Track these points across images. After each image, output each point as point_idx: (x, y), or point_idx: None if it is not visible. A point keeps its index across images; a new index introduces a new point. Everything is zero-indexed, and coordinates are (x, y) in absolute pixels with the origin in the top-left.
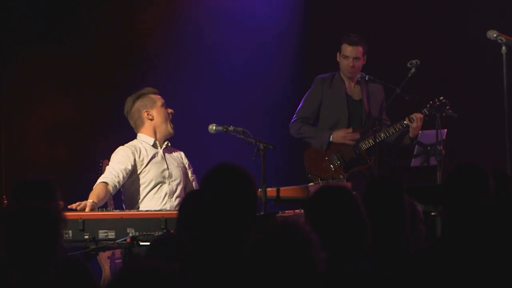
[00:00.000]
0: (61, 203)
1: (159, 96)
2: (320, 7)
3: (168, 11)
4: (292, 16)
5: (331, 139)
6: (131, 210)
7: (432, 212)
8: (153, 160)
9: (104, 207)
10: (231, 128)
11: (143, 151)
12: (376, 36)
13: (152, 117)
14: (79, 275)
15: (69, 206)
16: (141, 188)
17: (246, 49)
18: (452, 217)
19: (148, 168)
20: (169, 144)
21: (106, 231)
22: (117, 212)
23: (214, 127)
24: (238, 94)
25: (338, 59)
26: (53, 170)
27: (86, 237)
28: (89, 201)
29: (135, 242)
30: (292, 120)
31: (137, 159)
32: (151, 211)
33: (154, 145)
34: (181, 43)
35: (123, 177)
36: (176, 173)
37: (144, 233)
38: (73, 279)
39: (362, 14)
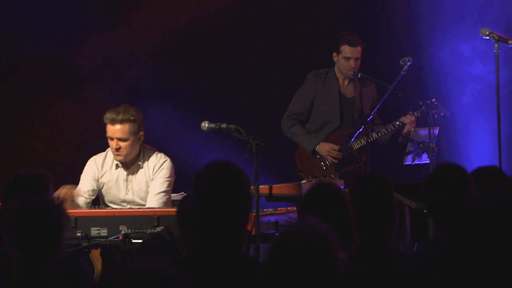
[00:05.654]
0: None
1: (110, 126)
2: (313, 2)
3: (163, 9)
4: (287, 9)
5: (316, 148)
6: (123, 208)
7: (425, 209)
8: (112, 184)
9: (97, 204)
10: (223, 125)
11: (107, 171)
12: (370, 33)
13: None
14: (75, 271)
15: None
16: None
17: (240, 45)
18: (438, 217)
19: (107, 190)
20: (139, 164)
21: (99, 228)
22: (109, 210)
23: (206, 125)
24: (231, 91)
25: (335, 59)
26: (49, 168)
27: (79, 234)
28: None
29: (127, 239)
30: (284, 116)
31: (99, 178)
32: (143, 208)
33: (117, 166)
34: (175, 40)
35: (93, 190)
36: (140, 197)
37: (137, 230)
38: (69, 275)
39: (355, 11)
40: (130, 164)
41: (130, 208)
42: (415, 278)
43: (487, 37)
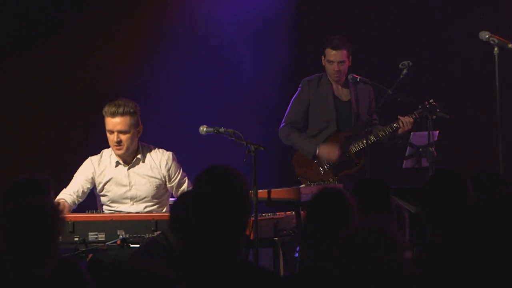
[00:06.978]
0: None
1: (110, 119)
2: (311, 6)
3: (157, 10)
4: (283, 14)
5: (317, 152)
6: (120, 212)
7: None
8: (114, 181)
9: (94, 209)
10: (222, 129)
11: (106, 169)
12: (368, 36)
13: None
14: (74, 276)
15: None
16: (104, 205)
17: (237, 49)
18: (435, 222)
19: (108, 188)
20: (139, 158)
21: (96, 233)
22: (107, 214)
23: (205, 129)
24: (229, 95)
25: (323, 63)
26: (49, 170)
27: (76, 239)
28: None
29: (125, 244)
30: (281, 125)
31: (96, 178)
32: (141, 213)
33: (118, 164)
34: (171, 43)
35: (83, 192)
36: (143, 191)
37: (134, 235)
38: (68, 280)
39: (355, 14)
40: (130, 160)
41: (128, 213)
42: (413, 281)
43: (487, 40)
